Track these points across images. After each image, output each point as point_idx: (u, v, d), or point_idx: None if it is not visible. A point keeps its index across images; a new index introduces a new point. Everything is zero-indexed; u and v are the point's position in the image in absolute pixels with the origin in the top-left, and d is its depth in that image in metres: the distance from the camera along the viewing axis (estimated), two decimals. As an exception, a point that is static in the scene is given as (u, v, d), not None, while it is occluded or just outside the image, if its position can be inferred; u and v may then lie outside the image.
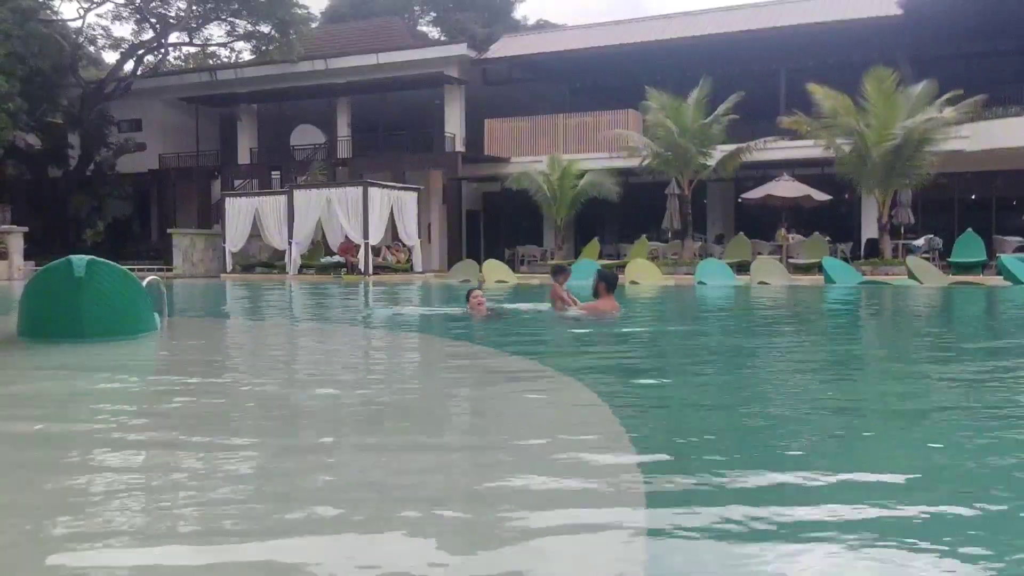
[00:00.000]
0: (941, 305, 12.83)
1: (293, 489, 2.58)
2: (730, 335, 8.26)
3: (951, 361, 6.09)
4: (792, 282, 18.14)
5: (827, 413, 3.99)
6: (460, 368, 5.72)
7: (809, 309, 12.45)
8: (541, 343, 7.24)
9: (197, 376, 5.26)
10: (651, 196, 24.48)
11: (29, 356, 6.10)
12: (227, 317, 11.78)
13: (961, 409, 4.00)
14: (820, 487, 2.56)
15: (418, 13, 48.23)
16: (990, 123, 22.20)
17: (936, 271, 18.06)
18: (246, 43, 32.82)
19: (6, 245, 24.16)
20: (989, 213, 25.06)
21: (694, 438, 3.36)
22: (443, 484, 2.66)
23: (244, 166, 31.50)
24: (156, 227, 32.86)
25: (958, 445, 3.22)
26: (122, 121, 32.47)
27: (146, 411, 4.04)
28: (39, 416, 3.88)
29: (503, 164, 27.68)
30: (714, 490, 2.49)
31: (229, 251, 26.44)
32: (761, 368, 5.75)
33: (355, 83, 29.04)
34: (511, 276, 20.65)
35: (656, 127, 22.28)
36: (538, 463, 2.87)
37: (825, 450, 3.20)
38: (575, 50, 28.14)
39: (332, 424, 3.73)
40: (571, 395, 4.39)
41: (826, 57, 25.80)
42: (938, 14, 23.31)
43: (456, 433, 3.63)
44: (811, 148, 22.12)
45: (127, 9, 31.04)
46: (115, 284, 6.49)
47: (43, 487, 2.60)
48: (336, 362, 6.26)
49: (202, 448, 3.12)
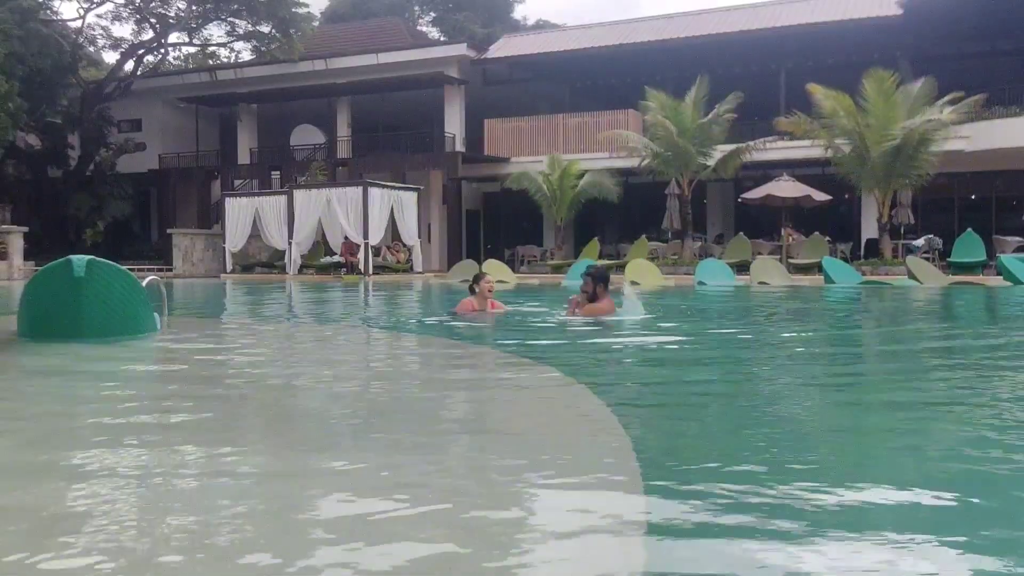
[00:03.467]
0: (942, 305, 12.82)
1: (293, 491, 2.58)
2: (728, 335, 8.27)
3: (955, 360, 6.09)
4: (792, 282, 18.14)
5: (830, 413, 3.99)
6: (463, 368, 5.72)
7: (809, 308, 12.45)
8: (552, 346, 7.23)
9: (196, 376, 5.26)
10: (651, 196, 24.49)
11: (29, 356, 6.10)
12: (227, 317, 11.78)
13: (963, 409, 4.00)
14: (823, 487, 2.56)
15: (418, 13, 48.25)
16: (990, 123, 22.20)
17: (936, 271, 18.06)
18: (246, 43, 32.84)
19: (6, 245, 24.16)
20: (989, 213, 25.07)
21: (694, 438, 3.36)
22: (443, 484, 2.66)
23: (244, 166, 31.51)
24: (156, 227, 32.86)
25: (960, 446, 3.22)
26: (122, 121, 32.48)
27: (145, 412, 4.03)
28: (39, 416, 3.88)
29: (503, 164, 27.70)
30: (715, 491, 2.48)
31: (229, 251, 26.44)
32: (761, 368, 5.75)
33: (355, 83, 29.05)
34: (511, 276, 20.62)
35: (656, 127, 22.29)
36: (538, 464, 2.87)
37: (829, 450, 3.20)
38: (575, 50, 28.15)
39: (332, 425, 3.73)
40: (572, 395, 4.39)
41: (826, 57, 25.81)
42: (938, 14, 23.31)
43: (455, 434, 3.63)
44: (811, 148, 22.13)
45: (127, 9, 31.05)
46: (115, 284, 6.48)
47: (42, 488, 2.60)
48: (336, 362, 6.25)
49: (201, 449, 3.11)
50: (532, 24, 46.72)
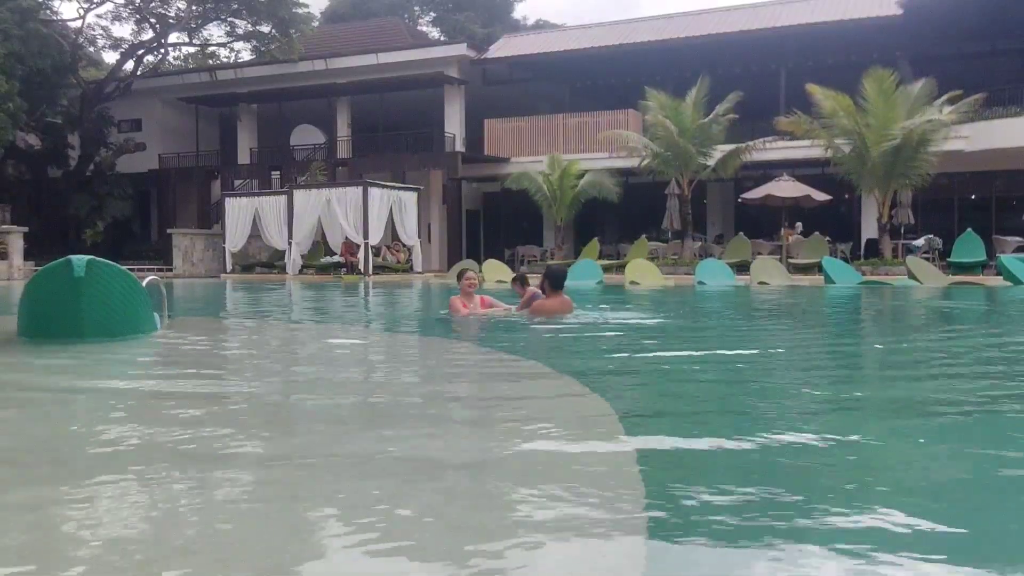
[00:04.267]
0: (942, 305, 12.82)
1: (293, 494, 2.58)
2: (731, 337, 8.26)
3: (958, 362, 6.09)
4: (792, 282, 18.14)
5: (831, 412, 3.99)
6: (463, 368, 5.72)
7: (808, 309, 12.45)
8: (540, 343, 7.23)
9: (196, 377, 5.26)
10: (651, 196, 24.49)
11: (28, 356, 6.09)
12: (227, 317, 11.77)
13: (966, 409, 4.00)
14: (823, 488, 2.56)
15: (418, 13, 48.28)
16: (990, 123, 22.21)
17: (936, 271, 18.07)
18: (246, 43, 32.84)
19: (6, 245, 24.16)
20: (989, 213, 25.07)
21: (695, 439, 3.36)
22: (442, 486, 2.66)
23: (244, 166, 31.52)
24: (156, 227, 32.87)
25: (963, 446, 3.22)
26: (122, 121, 32.49)
27: (144, 412, 4.03)
28: (38, 416, 3.88)
29: (503, 164, 27.70)
30: (715, 491, 2.48)
31: (229, 251, 26.45)
32: (762, 368, 5.74)
33: (355, 83, 29.06)
34: (511, 276, 20.59)
35: (656, 127, 22.29)
36: (538, 463, 2.87)
37: (831, 450, 3.20)
38: (575, 50, 28.16)
39: (331, 427, 3.73)
40: (572, 395, 4.39)
41: (826, 57, 25.82)
42: (938, 14, 23.32)
43: (454, 434, 3.62)
44: (811, 148, 22.14)
45: (127, 9, 31.05)
46: (115, 284, 6.48)
47: (39, 490, 2.60)
48: (336, 363, 6.25)
49: (200, 450, 3.11)
50: (532, 24, 46.75)
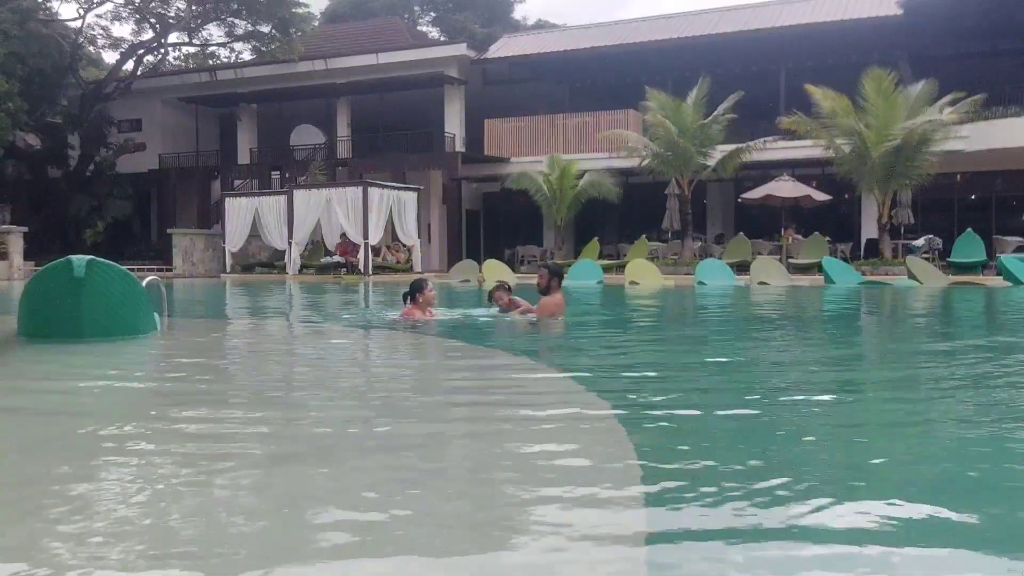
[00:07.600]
0: (943, 305, 12.82)
1: (293, 494, 2.58)
2: (731, 337, 8.26)
3: (960, 362, 6.09)
4: (792, 282, 18.14)
5: (832, 412, 3.99)
6: (462, 368, 5.71)
7: (811, 309, 12.45)
8: (534, 342, 7.24)
9: (196, 377, 5.26)
10: (651, 196, 24.48)
11: (28, 356, 6.09)
12: (227, 318, 11.77)
13: (968, 409, 4.00)
14: (823, 490, 2.56)
15: (418, 13, 48.24)
16: (990, 123, 22.20)
17: (936, 271, 18.06)
18: (246, 43, 32.84)
19: (6, 245, 24.16)
20: (989, 213, 25.07)
21: (696, 439, 3.36)
22: (442, 486, 2.66)
23: (244, 166, 31.51)
24: (156, 227, 32.85)
25: (964, 447, 3.21)
26: (122, 121, 32.49)
27: (144, 411, 4.03)
28: (37, 416, 3.88)
29: (503, 164, 27.69)
30: (715, 491, 2.48)
31: (229, 251, 26.45)
32: (762, 368, 5.74)
33: (355, 83, 29.06)
34: (511, 276, 20.59)
35: (656, 127, 22.29)
36: (538, 463, 2.87)
37: (832, 452, 3.20)
38: (575, 50, 28.16)
39: (331, 427, 3.73)
40: (572, 395, 4.38)
41: (826, 57, 25.81)
42: (938, 14, 23.31)
43: (454, 434, 3.62)
44: (811, 148, 22.13)
45: (127, 9, 31.07)
46: (115, 284, 6.48)
47: (38, 489, 2.60)
48: (336, 363, 6.25)
49: (200, 450, 3.11)
50: (532, 24, 46.70)
